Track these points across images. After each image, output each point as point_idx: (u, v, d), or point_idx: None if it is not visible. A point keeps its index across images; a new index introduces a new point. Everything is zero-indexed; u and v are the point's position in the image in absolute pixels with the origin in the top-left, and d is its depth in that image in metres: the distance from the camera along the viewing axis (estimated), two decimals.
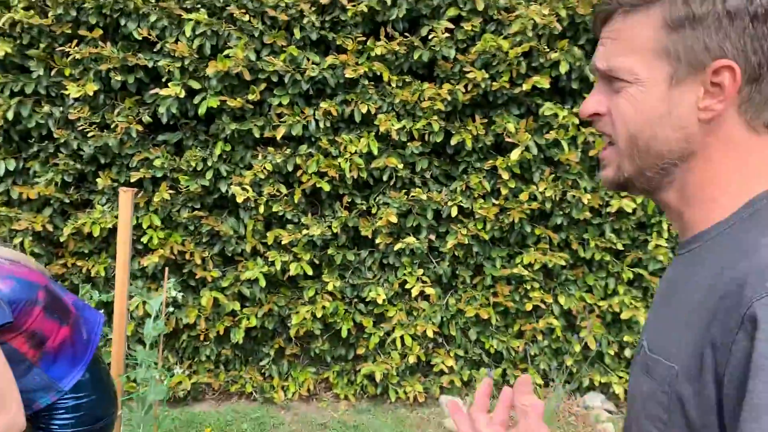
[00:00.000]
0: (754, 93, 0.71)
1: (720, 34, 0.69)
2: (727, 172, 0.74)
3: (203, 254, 3.71)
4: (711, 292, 0.68)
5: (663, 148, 0.74)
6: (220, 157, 3.64)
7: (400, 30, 3.59)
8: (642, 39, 0.73)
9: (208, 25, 3.43)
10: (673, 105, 0.72)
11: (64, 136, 3.54)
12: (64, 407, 1.64)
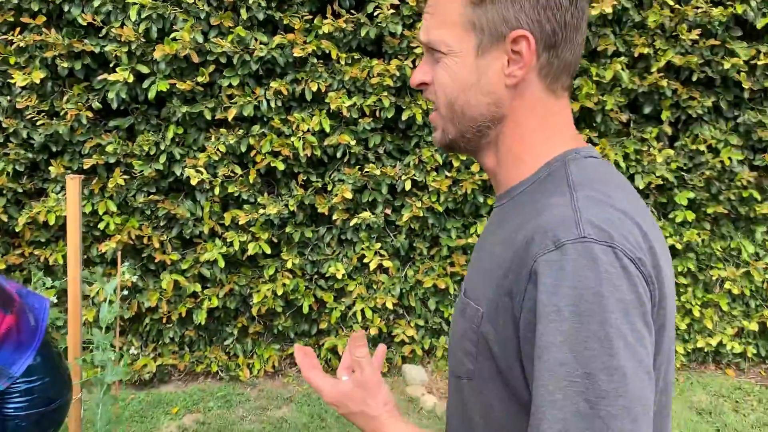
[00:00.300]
0: (552, 59, 0.79)
1: (516, 6, 0.76)
2: (531, 133, 0.82)
3: (161, 238, 3.74)
4: (508, 246, 0.76)
5: (476, 113, 0.82)
6: (173, 141, 3.66)
7: (346, 7, 3.62)
8: (452, 13, 0.80)
9: (153, 9, 3.42)
10: (481, 73, 0.80)
11: (13, 126, 3.52)
12: (17, 391, 1.69)
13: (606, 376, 0.65)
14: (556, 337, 0.66)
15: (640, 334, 0.67)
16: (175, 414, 3.65)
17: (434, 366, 4.08)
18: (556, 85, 0.81)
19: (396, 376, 4.07)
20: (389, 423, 0.88)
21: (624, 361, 0.65)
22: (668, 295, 0.74)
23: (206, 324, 3.94)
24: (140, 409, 3.68)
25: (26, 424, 1.71)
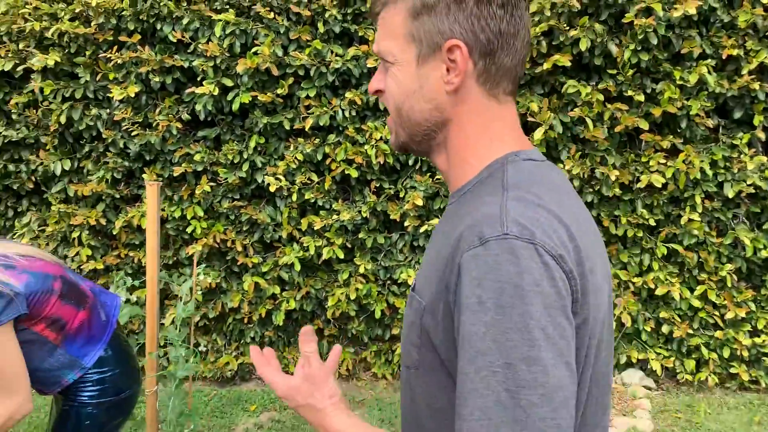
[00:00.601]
0: (489, 65, 0.83)
1: (450, 18, 0.81)
2: (475, 136, 0.86)
3: (244, 242, 3.93)
4: (448, 242, 0.79)
5: (420, 118, 0.87)
6: (255, 150, 3.84)
7: None
8: (396, 26, 0.85)
9: (237, 25, 3.61)
10: (423, 81, 0.85)
11: (112, 136, 3.82)
12: (89, 381, 1.85)
13: (526, 366, 0.68)
14: (478, 328, 0.70)
15: (560, 326, 0.70)
16: (252, 411, 3.81)
17: None
18: (497, 90, 0.85)
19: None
20: (333, 415, 0.91)
21: (544, 353, 0.68)
22: (593, 291, 0.77)
23: (284, 325, 4.10)
24: (221, 405, 3.88)
25: (97, 411, 1.86)
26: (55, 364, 1.78)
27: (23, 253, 1.74)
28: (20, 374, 1.65)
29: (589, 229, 0.84)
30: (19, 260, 1.69)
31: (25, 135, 3.86)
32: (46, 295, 1.70)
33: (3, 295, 1.59)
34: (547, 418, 0.67)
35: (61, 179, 3.97)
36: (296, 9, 3.60)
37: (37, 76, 3.77)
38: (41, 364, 1.76)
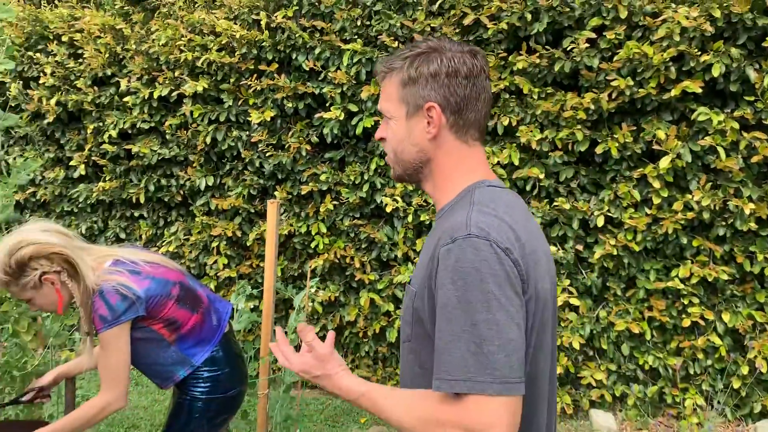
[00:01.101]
0: (458, 119, 1.17)
1: (428, 87, 1.16)
2: (451, 171, 1.20)
3: (362, 259, 4.10)
4: (432, 245, 1.11)
5: (408, 157, 1.22)
6: (376, 171, 4.01)
7: (543, 43, 3.66)
8: (392, 92, 1.21)
9: (363, 54, 3.81)
10: (410, 131, 1.20)
11: (249, 156, 4.17)
12: (201, 378, 2.05)
13: (486, 326, 0.98)
14: (451, 300, 1.01)
15: (509, 297, 1.00)
16: (363, 424, 3.94)
17: (625, 415, 3.83)
18: (465, 137, 1.19)
19: (582, 420, 3.90)
20: (344, 376, 1.17)
21: (498, 315, 0.99)
22: (536, 278, 1.07)
23: (398, 343, 4.20)
24: (333, 414, 4.05)
25: (206, 406, 2.06)
26: (169, 360, 2.00)
27: (149, 260, 1.98)
28: (123, 370, 1.88)
29: (536, 235, 1.16)
30: (144, 266, 1.94)
31: (176, 153, 4.32)
32: (164, 299, 1.93)
33: (126, 299, 1.83)
34: (502, 361, 0.97)
35: (205, 194, 4.38)
36: (419, 37, 3.73)
37: (188, 100, 4.22)
38: (157, 359, 1.99)
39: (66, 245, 1.85)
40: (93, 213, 4.78)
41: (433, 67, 1.15)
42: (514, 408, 0.99)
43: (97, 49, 4.47)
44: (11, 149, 4.89)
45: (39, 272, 1.82)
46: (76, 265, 1.84)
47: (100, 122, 4.56)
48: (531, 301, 1.05)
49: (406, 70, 1.18)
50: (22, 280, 1.83)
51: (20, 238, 1.81)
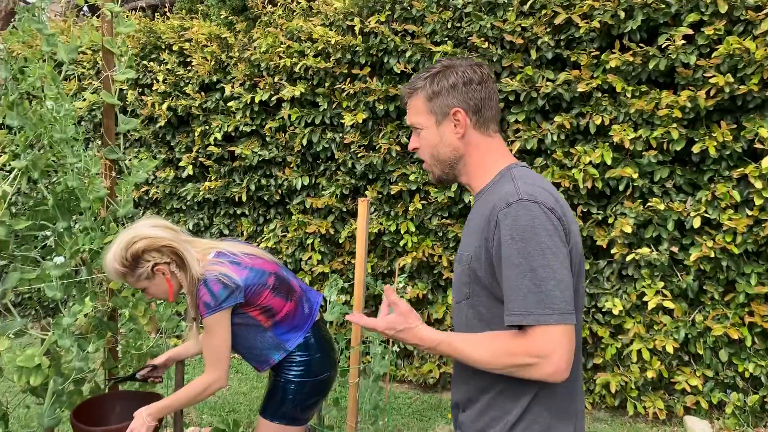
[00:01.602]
0: (479, 118, 1.43)
1: (450, 96, 1.42)
2: (482, 160, 1.44)
3: (450, 258, 4.16)
4: (482, 216, 1.34)
5: (445, 157, 1.45)
6: None
7: (637, 40, 3.59)
8: (420, 107, 1.46)
9: (453, 55, 3.88)
10: (442, 135, 1.44)
11: (343, 157, 4.34)
12: (294, 362, 2.20)
13: (542, 270, 1.22)
14: (513, 252, 1.24)
15: (558, 246, 1.24)
16: (449, 419, 4.01)
17: (722, 423, 3.69)
18: (487, 131, 1.45)
19: (676, 427, 3.79)
20: (423, 328, 1.36)
21: (551, 261, 1.22)
22: (571, 234, 1.30)
23: None
24: (421, 408, 4.14)
25: (299, 388, 2.20)
26: (265, 345, 2.17)
27: (248, 252, 2.16)
28: (224, 352, 2.06)
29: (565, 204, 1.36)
30: (243, 258, 2.11)
31: (275, 155, 4.57)
32: (261, 287, 2.09)
33: (228, 287, 2.00)
34: (558, 297, 1.21)
35: (301, 193, 4.60)
36: (510, 38, 3.76)
37: (286, 104, 4.44)
38: (255, 343, 2.16)
39: (174, 239, 2.05)
40: (199, 210, 5.11)
41: (452, 80, 1.41)
42: (570, 334, 1.21)
43: (204, 57, 4.79)
44: (128, 151, 5.31)
45: (151, 263, 2.03)
46: (183, 257, 2.03)
47: (207, 126, 4.88)
48: (573, 251, 1.29)
49: (429, 87, 1.43)
50: (137, 271, 2.04)
51: (134, 233, 2.02)
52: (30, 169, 2.14)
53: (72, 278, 2.23)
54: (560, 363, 1.20)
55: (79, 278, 2.26)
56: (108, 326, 2.39)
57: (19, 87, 2.06)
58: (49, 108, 2.04)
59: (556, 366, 1.20)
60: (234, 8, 5.12)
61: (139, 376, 2.41)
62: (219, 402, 4.22)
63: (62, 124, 2.08)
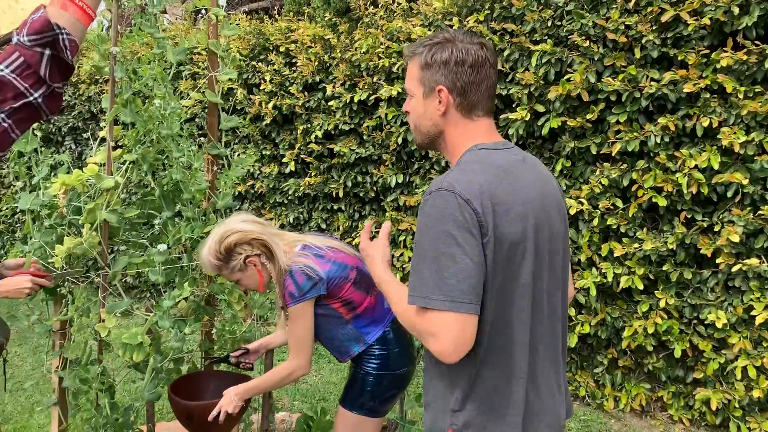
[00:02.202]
0: (463, 101, 1.45)
1: (439, 72, 1.43)
2: (458, 140, 1.48)
3: None
4: None
5: (425, 129, 1.50)
6: (561, 173, 3.97)
7: (752, 38, 3.36)
8: (414, 73, 1.49)
9: (552, 54, 3.81)
10: (426, 108, 1.48)
11: (436, 156, 4.36)
12: (373, 355, 2.26)
13: (444, 258, 1.27)
14: (422, 237, 1.31)
15: (465, 238, 1.28)
16: None
17: None
18: (470, 114, 1.46)
19: None
20: (378, 264, 1.54)
21: (454, 250, 1.27)
22: (501, 225, 1.32)
23: (578, 348, 4.13)
24: None
25: (377, 380, 2.26)
26: (345, 336, 2.24)
27: (331, 245, 2.24)
28: (308, 340, 2.15)
29: (514, 189, 1.37)
30: (327, 252, 2.20)
31: (371, 152, 4.66)
32: (342, 281, 2.17)
33: (311, 279, 2.10)
34: (453, 286, 1.26)
35: (395, 190, 4.67)
36: (612, 36, 3.64)
37: (383, 104, 4.53)
38: (336, 335, 2.24)
39: (263, 232, 2.17)
40: (300, 205, 5.31)
41: (445, 55, 1.42)
42: (463, 323, 1.27)
43: (308, 58, 4.97)
44: (237, 146, 5.61)
45: (243, 256, 2.16)
46: (272, 249, 2.14)
47: (309, 124, 5.06)
48: (489, 244, 1.31)
49: (425, 56, 1.45)
50: (230, 263, 2.18)
51: (226, 228, 2.17)
52: (140, 162, 2.34)
53: (174, 264, 2.41)
54: (444, 345, 1.27)
55: (180, 264, 2.44)
56: (205, 310, 2.55)
57: (132, 86, 2.25)
58: (156, 106, 2.21)
59: (441, 347, 1.27)
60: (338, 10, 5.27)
61: (231, 358, 2.57)
62: (310, 390, 4.38)
63: (168, 121, 2.25)
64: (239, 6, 9.39)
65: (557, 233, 1.47)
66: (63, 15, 0.99)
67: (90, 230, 2.32)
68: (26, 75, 0.95)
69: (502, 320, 1.36)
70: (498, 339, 1.37)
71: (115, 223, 2.31)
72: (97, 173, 2.30)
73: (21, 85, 0.95)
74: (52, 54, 0.97)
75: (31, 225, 2.42)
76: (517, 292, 1.37)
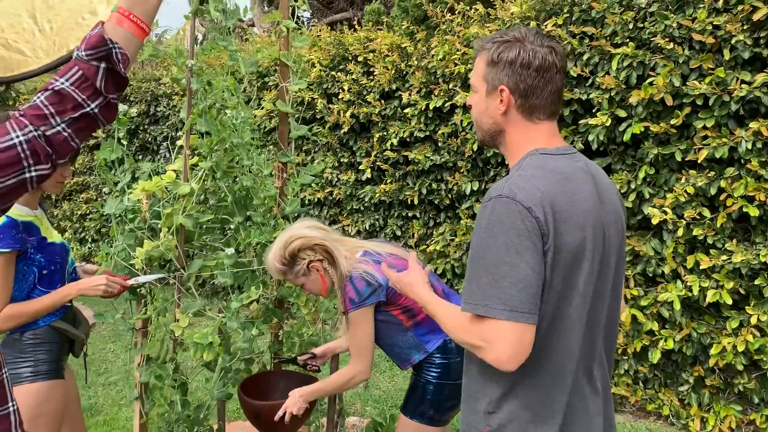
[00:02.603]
0: (525, 103, 1.42)
1: (503, 72, 1.41)
2: (518, 141, 1.45)
3: (626, 273, 3.93)
4: None
5: (485, 126, 1.49)
6: (644, 180, 3.81)
7: None
8: (480, 69, 1.47)
9: (634, 57, 3.66)
10: (488, 105, 1.46)
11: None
12: (434, 364, 2.24)
13: (504, 266, 1.26)
14: (482, 243, 1.29)
15: (526, 246, 1.26)
16: None
17: None
18: (531, 116, 1.43)
19: None
20: (420, 286, 1.57)
21: (514, 259, 1.25)
22: (562, 233, 1.30)
23: (662, 364, 3.93)
24: None
25: (437, 389, 2.23)
26: (406, 344, 2.24)
27: (392, 252, 2.25)
28: (367, 346, 2.16)
29: (575, 198, 1.34)
30: (387, 258, 2.21)
31: (446, 159, 4.65)
32: None
33: (371, 285, 2.11)
34: (513, 295, 1.24)
35: (470, 198, 4.63)
36: (699, 37, 3.46)
37: (459, 110, 4.50)
38: (396, 341, 2.24)
39: (325, 238, 2.21)
40: (375, 212, 5.36)
41: (512, 55, 1.39)
42: (521, 333, 1.25)
43: (385, 67, 5.02)
44: (316, 155, 5.73)
45: (306, 261, 2.21)
46: (334, 254, 2.18)
47: (385, 131, 5.11)
48: (550, 252, 1.29)
49: (492, 53, 1.43)
50: (294, 268, 2.23)
51: (291, 234, 2.22)
52: (214, 169, 2.44)
53: (245, 267, 2.49)
54: (502, 354, 1.25)
55: (251, 268, 2.52)
56: (274, 313, 2.62)
57: (207, 97, 2.36)
58: (228, 116, 2.30)
59: (499, 356, 1.26)
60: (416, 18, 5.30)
61: (299, 360, 2.63)
62: (383, 396, 4.40)
63: (240, 130, 2.34)
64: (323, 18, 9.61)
65: (613, 245, 1.44)
66: (118, 30, 1.06)
67: (167, 234, 2.44)
68: (84, 87, 1.02)
69: (554, 329, 1.35)
70: (547, 347, 1.35)
71: (190, 228, 2.42)
72: (174, 180, 2.42)
73: (79, 96, 1.01)
74: (107, 67, 1.03)
75: (116, 228, 2.57)
76: (572, 303, 1.35)
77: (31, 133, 0.98)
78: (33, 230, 2.06)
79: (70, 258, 2.24)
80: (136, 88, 7.55)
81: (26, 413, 1.99)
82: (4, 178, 0.96)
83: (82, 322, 2.25)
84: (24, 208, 2.08)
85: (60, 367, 2.14)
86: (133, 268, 2.47)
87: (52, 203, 8.83)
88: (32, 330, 2.09)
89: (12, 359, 2.03)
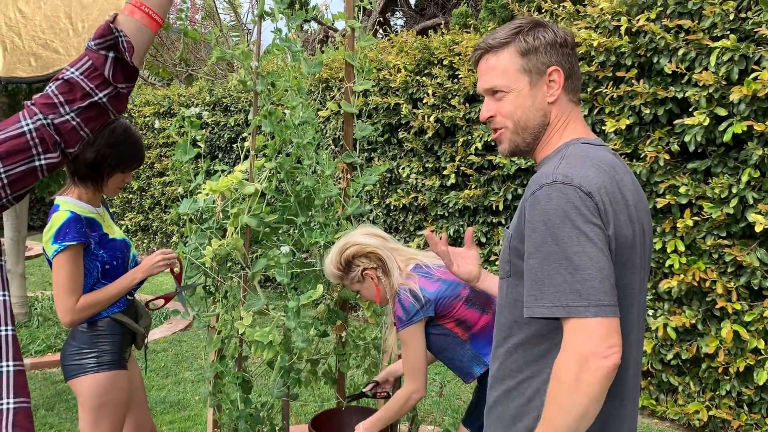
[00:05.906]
0: (569, 83, 1.34)
1: (548, 54, 1.31)
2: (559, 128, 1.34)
3: (727, 284, 3.60)
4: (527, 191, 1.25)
5: (533, 123, 1.34)
6: (748, 184, 3.48)
7: None
8: (510, 65, 1.32)
9: (735, 51, 3.37)
10: (534, 98, 1.32)
11: None
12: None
13: (578, 258, 1.12)
14: (546, 239, 1.15)
15: (595, 232, 1.14)
16: None
17: None
18: (575, 97, 1.36)
19: None
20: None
21: (588, 248, 1.12)
22: (616, 223, 1.18)
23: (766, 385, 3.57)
24: None
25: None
26: (465, 357, 2.14)
27: (441, 264, 2.16)
28: (420, 365, 2.08)
29: (624, 189, 1.24)
30: (436, 271, 2.13)
31: (532, 164, 4.47)
32: (453, 300, 2.08)
33: (419, 300, 2.05)
34: (596, 287, 1.10)
35: None
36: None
37: None
38: (455, 355, 2.15)
39: (380, 246, 2.17)
40: (460, 218, 5.26)
41: (550, 36, 1.31)
42: (608, 328, 1.10)
43: (470, 69, 4.92)
44: (401, 160, 5.71)
45: (361, 268, 2.18)
46: (386, 264, 2.14)
47: (469, 136, 5.00)
48: (612, 243, 1.17)
49: (522, 41, 1.30)
50: (350, 274, 2.21)
51: (347, 240, 2.20)
52: (278, 170, 2.46)
53: (305, 266, 2.49)
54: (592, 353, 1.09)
55: (313, 268, 2.52)
56: (337, 314, 2.61)
57: (271, 98, 2.38)
58: (290, 117, 2.31)
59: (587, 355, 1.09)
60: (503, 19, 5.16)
61: (368, 392, 2.59)
62: (462, 407, 4.28)
63: (301, 131, 2.34)
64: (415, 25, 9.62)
65: (648, 242, 1.32)
66: (130, 21, 1.07)
67: (233, 233, 2.49)
68: (93, 76, 1.03)
69: None
70: None
71: (255, 227, 2.45)
72: (240, 180, 2.46)
73: (87, 85, 1.03)
74: (115, 56, 1.04)
75: (189, 228, 2.65)
76: (626, 301, 1.23)
77: (39, 121, 1.01)
78: (95, 226, 2.16)
79: (131, 253, 2.33)
80: (236, 98, 7.86)
81: (91, 403, 2.08)
82: (15, 164, 0.99)
83: (143, 316, 2.33)
84: (87, 205, 2.18)
85: (123, 358, 2.23)
86: (204, 266, 2.54)
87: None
88: (95, 321, 2.18)
89: (77, 350, 2.13)
